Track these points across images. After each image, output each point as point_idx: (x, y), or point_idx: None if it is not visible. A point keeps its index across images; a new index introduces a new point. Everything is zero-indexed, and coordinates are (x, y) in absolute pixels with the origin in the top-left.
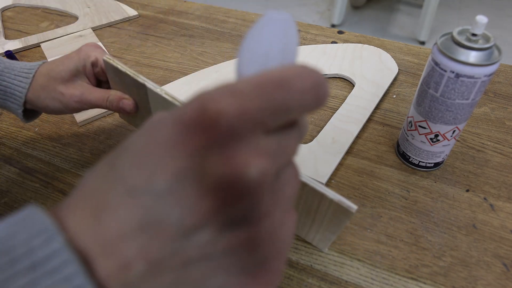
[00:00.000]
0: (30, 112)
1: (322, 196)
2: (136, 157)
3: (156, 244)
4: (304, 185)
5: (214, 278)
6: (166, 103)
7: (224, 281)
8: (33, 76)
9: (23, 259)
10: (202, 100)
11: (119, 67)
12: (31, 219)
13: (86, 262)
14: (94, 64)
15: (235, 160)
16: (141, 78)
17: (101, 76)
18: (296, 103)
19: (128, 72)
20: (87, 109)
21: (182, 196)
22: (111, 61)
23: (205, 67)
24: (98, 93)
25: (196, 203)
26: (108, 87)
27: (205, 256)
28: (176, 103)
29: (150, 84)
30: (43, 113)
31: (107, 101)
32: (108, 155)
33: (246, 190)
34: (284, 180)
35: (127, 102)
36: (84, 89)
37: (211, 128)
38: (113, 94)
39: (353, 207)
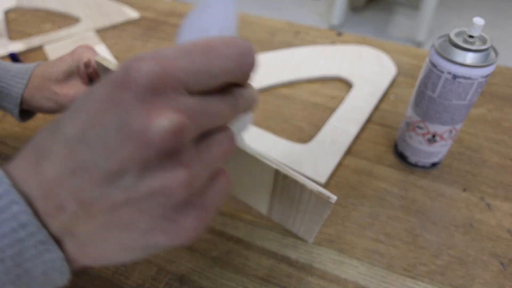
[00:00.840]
0: (25, 112)
1: (302, 187)
2: (75, 112)
3: (86, 187)
4: (285, 177)
5: (140, 221)
6: None
7: (149, 224)
8: (29, 77)
9: None
10: (128, 62)
11: (110, 67)
12: None
13: (29, 204)
14: (87, 65)
15: (150, 111)
16: None
17: (94, 77)
18: (219, 68)
19: None
20: None
21: (107, 144)
22: (102, 62)
23: None
24: None
25: (117, 150)
26: None
27: (130, 200)
28: None
29: None
30: (46, 114)
31: None
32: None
33: (157, 138)
34: (213, 141)
35: None
36: (77, 89)
37: (132, 85)
38: None
39: (333, 197)
